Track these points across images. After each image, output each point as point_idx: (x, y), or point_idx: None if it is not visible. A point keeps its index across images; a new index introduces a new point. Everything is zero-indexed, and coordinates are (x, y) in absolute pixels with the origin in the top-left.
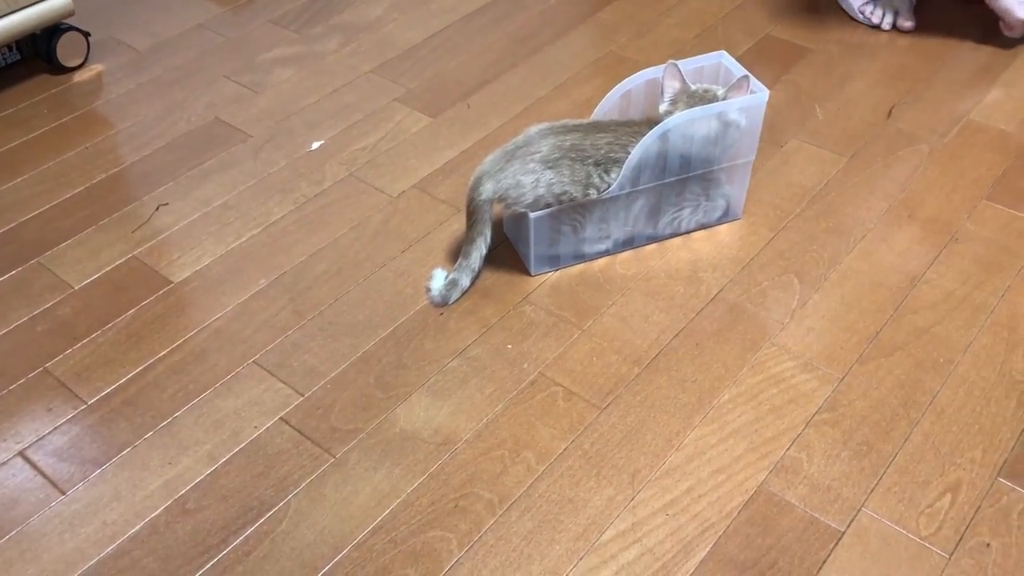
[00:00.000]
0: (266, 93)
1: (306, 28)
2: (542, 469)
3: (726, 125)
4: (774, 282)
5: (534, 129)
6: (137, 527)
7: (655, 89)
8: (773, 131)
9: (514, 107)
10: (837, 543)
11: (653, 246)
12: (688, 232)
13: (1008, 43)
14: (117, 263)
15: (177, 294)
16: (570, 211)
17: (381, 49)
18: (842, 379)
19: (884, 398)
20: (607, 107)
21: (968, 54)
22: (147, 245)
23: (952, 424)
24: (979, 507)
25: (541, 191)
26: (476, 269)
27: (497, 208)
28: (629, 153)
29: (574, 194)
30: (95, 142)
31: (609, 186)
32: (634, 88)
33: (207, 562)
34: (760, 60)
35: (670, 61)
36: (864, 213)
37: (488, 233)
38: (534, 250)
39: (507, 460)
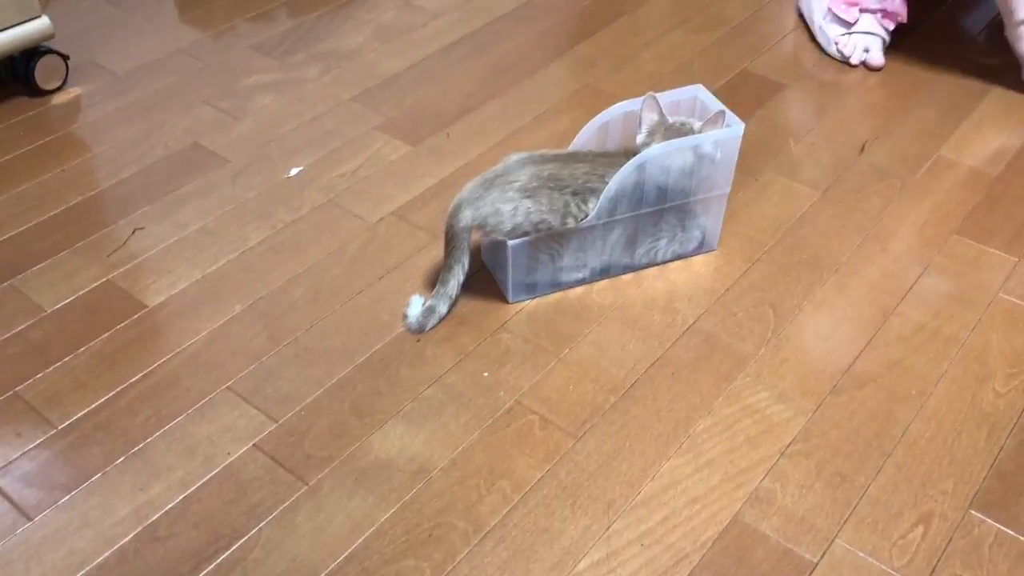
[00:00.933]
0: (246, 119)
1: (287, 55)
2: (517, 498)
3: (701, 158)
4: (749, 313)
5: (513, 158)
6: (106, 555)
7: (632, 121)
8: (748, 164)
9: (493, 137)
10: (811, 574)
11: (630, 276)
12: (664, 262)
13: (978, 82)
14: (91, 286)
15: (152, 318)
16: (548, 240)
17: (362, 77)
18: (816, 410)
19: (857, 429)
20: (585, 138)
21: (939, 92)
22: (122, 269)
23: (924, 456)
24: (951, 539)
25: (519, 219)
26: (453, 296)
27: (475, 235)
28: (607, 183)
29: (552, 223)
30: (72, 165)
31: (587, 215)
32: (612, 120)
33: None
34: (736, 95)
35: (649, 94)
36: (837, 246)
37: (466, 260)
38: (512, 277)
39: (482, 489)
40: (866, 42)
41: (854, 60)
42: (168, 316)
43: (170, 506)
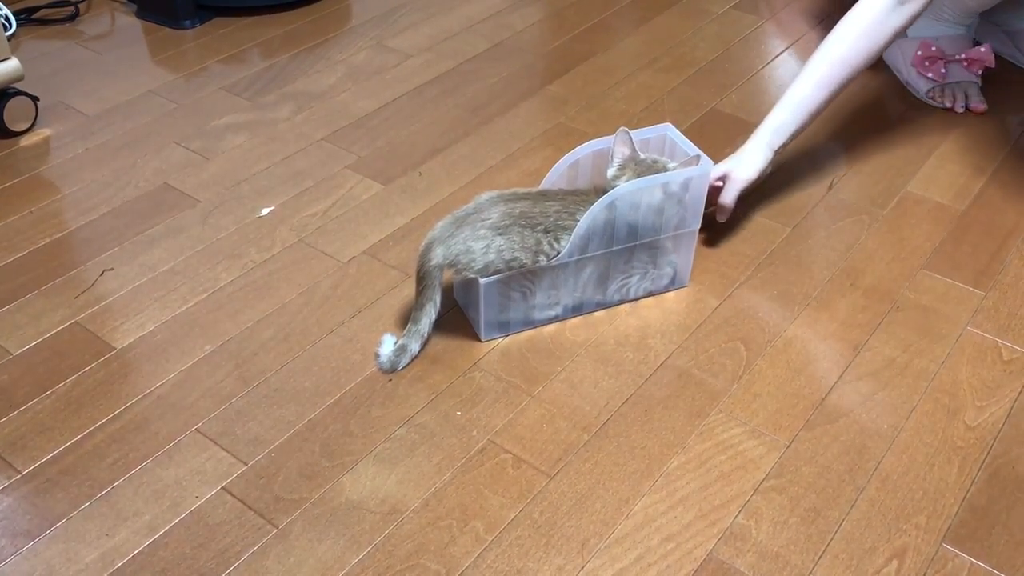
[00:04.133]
0: (217, 159)
1: (259, 96)
2: (490, 539)
3: (670, 195)
4: (721, 349)
5: (484, 196)
6: None
7: (603, 159)
8: None
9: (465, 176)
10: None
11: (602, 313)
12: (636, 299)
13: (942, 119)
14: (59, 329)
15: (120, 360)
16: (520, 277)
17: (333, 117)
18: (789, 445)
19: (830, 464)
20: (555, 176)
21: (905, 129)
22: (90, 311)
23: (897, 490)
24: (925, 573)
25: (491, 257)
26: (425, 335)
27: (447, 274)
28: (578, 221)
29: (524, 260)
30: (40, 206)
31: (558, 253)
32: (582, 158)
33: None
34: (705, 133)
35: (622, 128)
36: (807, 281)
37: (438, 299)
38: (484, 315)
39: (455, 530)
40: (963, 90)
41: (957, 108)
42: (136, 358)
43: (137, 551)
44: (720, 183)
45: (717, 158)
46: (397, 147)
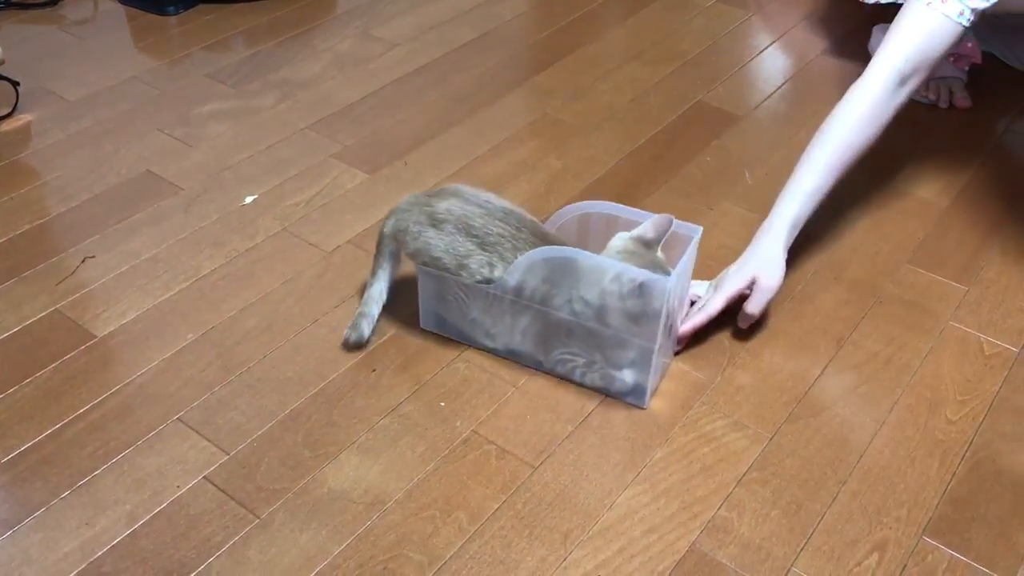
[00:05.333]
0: (200, 147)
1: (243, 83)
2: (474, 529)
3: (610, 292)
4: (705, 341)
5: (455, 186)
6: None
7: (613, 225)
8: (704, 195)
9: (451, 166)
10: None
11: None
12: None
13: (926, 114)
14: (39, 316)
15: (100, 349)
16: (453, 285)
17: (318, 106)
18: (771, 438)
19: (812, 457)
20: (564, 220)
21: (889, 125)
22: (71, 298)
23: (878, 483)
24: (905, 566)
25: (420, 246)
26: (379, 300)
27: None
28: (517, 256)
29: (447, 264)
30: (20, 193)
31: (487, 280)
32: (594, 216)
33: None
34: (691, 126)
35: (668, 216)
36: (791, 274)
37: (389, 266)
38: (421, 302)
39: (438, 520)
40: (948, 86)
41: (942, 104)
42: (117, 346)
43: (117, 541)
44: (748, 290)
45: (703, 151)
46: (382, 136)
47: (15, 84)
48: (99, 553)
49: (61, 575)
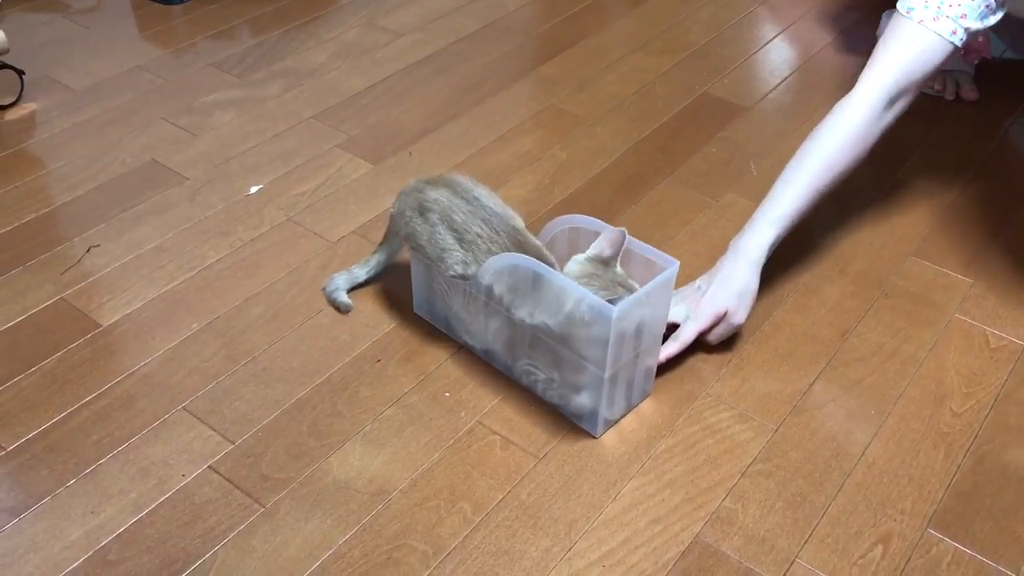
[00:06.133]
0: (205, 136)
1: (248, 73)
2: (478, 520)
3: (568, 315)
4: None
5: (452, 176)
6: None
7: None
8: (709, 186)
9: (456, 156)
10: None
11: None
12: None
13: (932, 107)
14: (44, 305)
15: (106, 338)
16: (439, 275)
17: (323, 96)
18: (776, 430)
19: (817, 449)
20: (556, 231)
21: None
22: (76, 287)
23: (883, 475)
24: (909, 558)
25: (409, 231)
26: (368, 266)
27: None
28: (490, 256)
29: (429, 254)
30: (25, 181)
31: (463, 276)
32: (583, 230)
33: None
34: (697, 117)
35: (621, 229)
36: (796, 267)
37: (389, 244)
38: (414, 286)
39: (443, 510)
40: (955, 78)
41: (948, 96)
42: (123, 335)
43: (122, 529)
44: (718, 320)
45: (709, 143)
46: (387, 126)
47: (20, 73)
48: (105, 541)
49: (67, 563)
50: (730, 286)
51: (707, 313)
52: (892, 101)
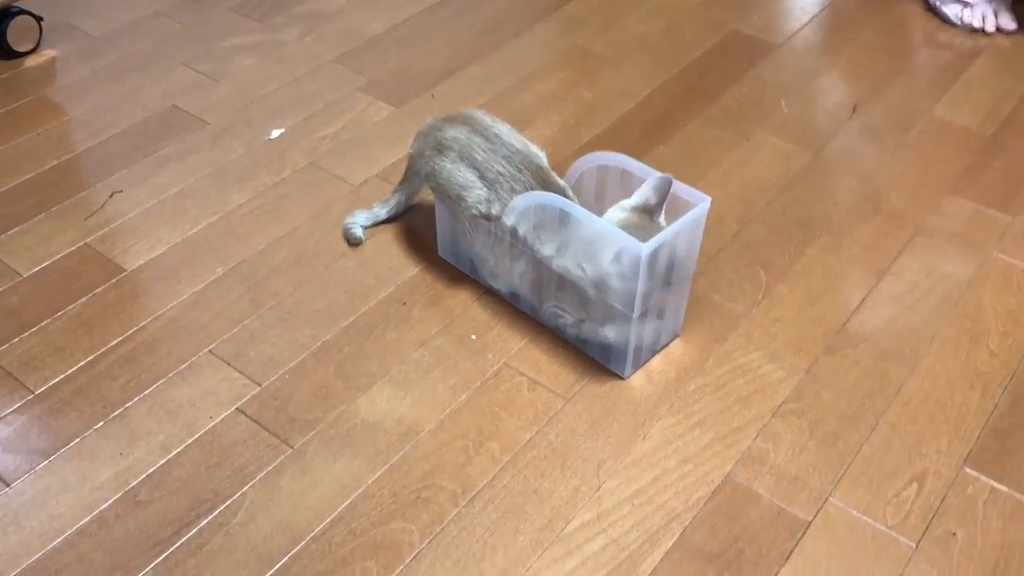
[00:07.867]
0: (225, 81)
1: (268, 17)
2: (506, 459)
3: (594, 258)
4: (740, 273)
5: (470, 112)
6: (85, 520)
7: (629, 182)
8: (740, 125)
9: (478, 98)
10: (804, 533)
11: None
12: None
13: (969, 42)
14: (68, 250)
15: (131, 282)
16: (461, 216)
17: (344, 39)
18: (808, 370)
19: (850, 389)
20: (583, 169)
21: (930, 52)
22: (100, 233)
23: (918, 415)
24: (945, 496)
25: (428, 170)
26: (388, 205)
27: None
28: (513, 196)
29: (449, 192)
30: (46, 128)
31: (487, 217)
32: (617, 171)
33: (158, 555)
34: (726, 55)
35: (668, 176)
36: (830, 206)
37: (409, 183)
38: (438, 228)
39: (471, 451)
40: (993, 8)
41: (988, 28)
42: (147, 280)
43: (151, 470)
44: None
45: (739, 81)
46: (408, 69)
47: (38, 19)
48: (134, 483)
49: (97, 503)
50: None
51: None
52: None
